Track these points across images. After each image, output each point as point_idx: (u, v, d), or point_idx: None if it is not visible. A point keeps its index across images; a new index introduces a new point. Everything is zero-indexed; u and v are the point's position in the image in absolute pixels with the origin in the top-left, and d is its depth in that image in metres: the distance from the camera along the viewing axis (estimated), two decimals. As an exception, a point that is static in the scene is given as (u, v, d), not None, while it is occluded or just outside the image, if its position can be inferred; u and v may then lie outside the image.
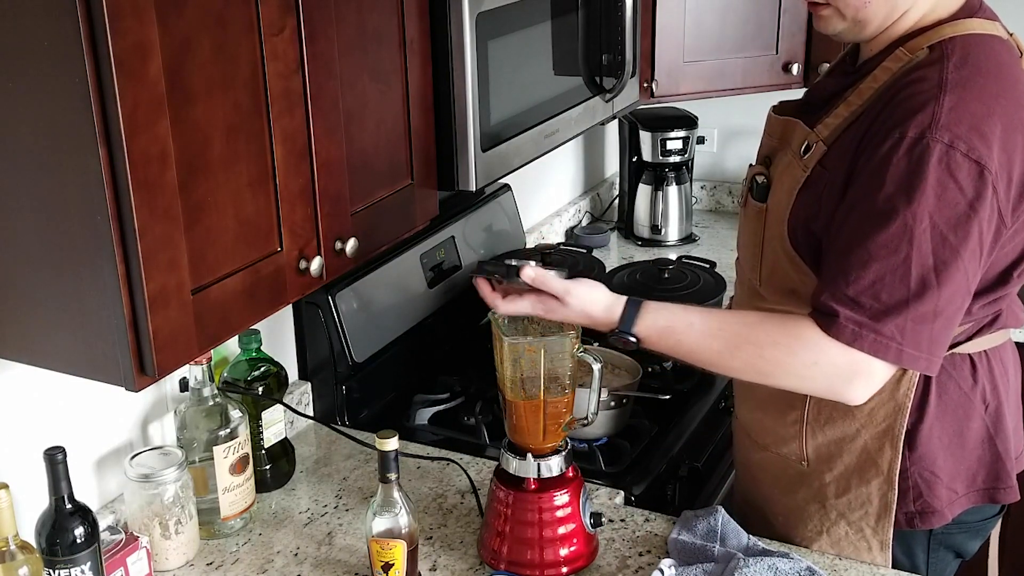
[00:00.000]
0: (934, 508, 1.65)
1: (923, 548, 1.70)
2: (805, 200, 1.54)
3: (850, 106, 1.52)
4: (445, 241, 2.42)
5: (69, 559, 1.46)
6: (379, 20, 1.60)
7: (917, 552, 1.71)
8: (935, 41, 1.48)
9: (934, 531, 1.68)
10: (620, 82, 2.18)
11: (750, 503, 1.84)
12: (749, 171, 1.70)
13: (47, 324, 1.33)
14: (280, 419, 1.93)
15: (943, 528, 1.68)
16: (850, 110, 1.52)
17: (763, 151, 1.71)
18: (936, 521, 1.66)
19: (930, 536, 1.69)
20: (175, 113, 1.26)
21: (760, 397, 1.73)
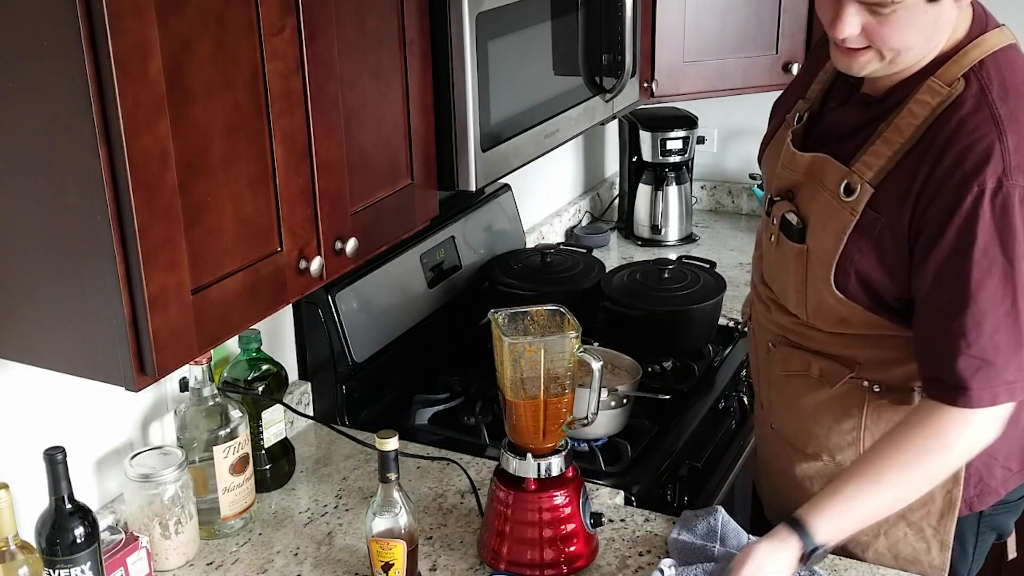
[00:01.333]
0: (991, 488, 1.66)
1: (972, 531, 1.71)
2: (859, 246, 1.53)
3: (891, 144, 1.50)
4: (445, 241, 2.42)
5: (69, 559, 1.46)
6: (379, 20, 1.60)
7: (967, 536, 1.71)
8: (966, 68, 1.48)
9: (983, 513, 1.69)
10: (620, 82, 2.18)
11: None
12: (774, 207, 1.64)
13: (47, 324, 1.33)
14: (280, 419, 1.93)
15: (991, 508, 1.69)
16: (892, 148, 1.50)
17: (781, 184, 1.66)
18: (990, 500, 1.67)
19: (980, 518, 1.70)
20: (175, 113, 1.26)
21: (809, 408, 1.71)
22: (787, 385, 1.74)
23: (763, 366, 1.81)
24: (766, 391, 1.83)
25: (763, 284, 1.75)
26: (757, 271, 1.81)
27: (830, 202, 1.55)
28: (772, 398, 1.80)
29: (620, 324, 2.42)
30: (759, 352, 1.82)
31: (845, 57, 1.51)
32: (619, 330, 2.42)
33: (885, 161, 1.50)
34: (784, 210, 1.62)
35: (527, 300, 2.33)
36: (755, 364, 1.87)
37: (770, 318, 1.74)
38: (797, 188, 1.62)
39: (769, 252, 1.70)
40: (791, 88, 1.84)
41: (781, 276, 1.67)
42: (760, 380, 1.85)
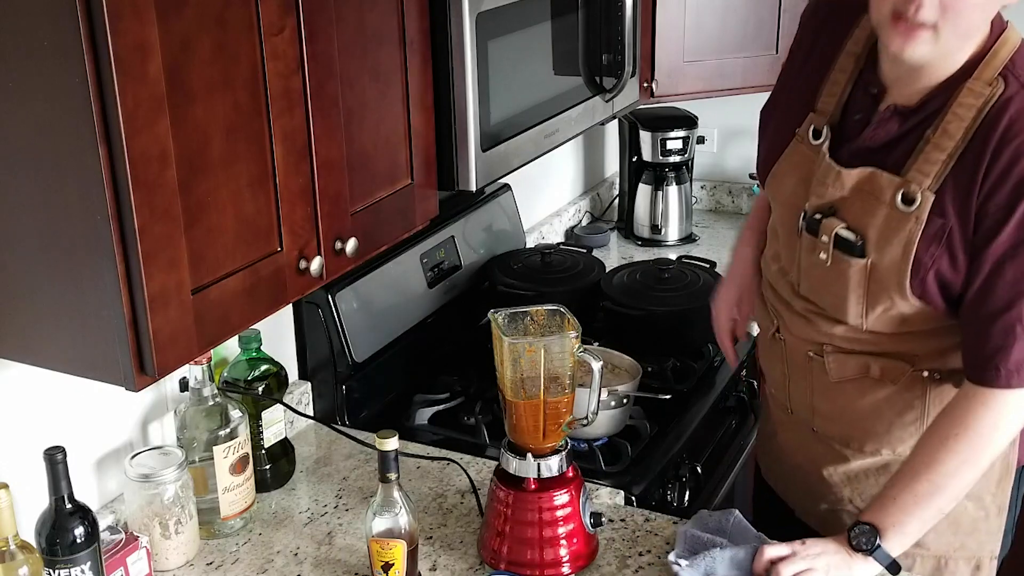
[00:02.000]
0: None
1: (1016, 485, 1.75)
2: (930, 251, 1.55)
3: (943, 149, 1.52)
4: (445, 241, 2.42)
5: (69, 559, 1.46)
6: (379, 20, 1.60)
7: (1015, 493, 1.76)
8: (999, 68, 1.52)
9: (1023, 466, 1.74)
10: (620, 82, 2.18)
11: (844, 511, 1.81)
12: (822, 225, 1.63)
13: (47, 324, 1.33)
14: (280, 419, 1.93)
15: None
16: (945, 153, 1.52)
17: (820, 202, 1.64)
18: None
19: (1020, 473, 1.74)
20: (175, 113, 1.26)
21: (867, 408, 1.71)
22: (839, 390, 1.72)
23: (799, 375, 1.78)
24: (804, 398, 1.79)
25: (800, 298, 1.73)
26: (779, 286, 1.78)
27: (891, 214, 1.56)
28: (816, 404, 1.77)
29: (620, 324, 2.42)
30: (792, 362, 1.79)
31: (902, 37, 1.49)
32: (619, 330, 2.42)
33: (940, 166, 1.53)
34: (835, 227, 1.62)
35: (527, 300, 2.33)
36: (783, 374, 1.82)
37: (813, 329, 1.71)
38: (842, 204, 1.62)
39: (815, 269, 1.67)
40: (781, 101, 1.83)
41: (836, 291, 1.65)
42: (793, 388, 1.81)
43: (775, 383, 1.87)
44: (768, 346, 1.86)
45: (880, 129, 1.60)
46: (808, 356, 1.74)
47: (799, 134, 1.70)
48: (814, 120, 1.68)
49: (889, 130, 1.59)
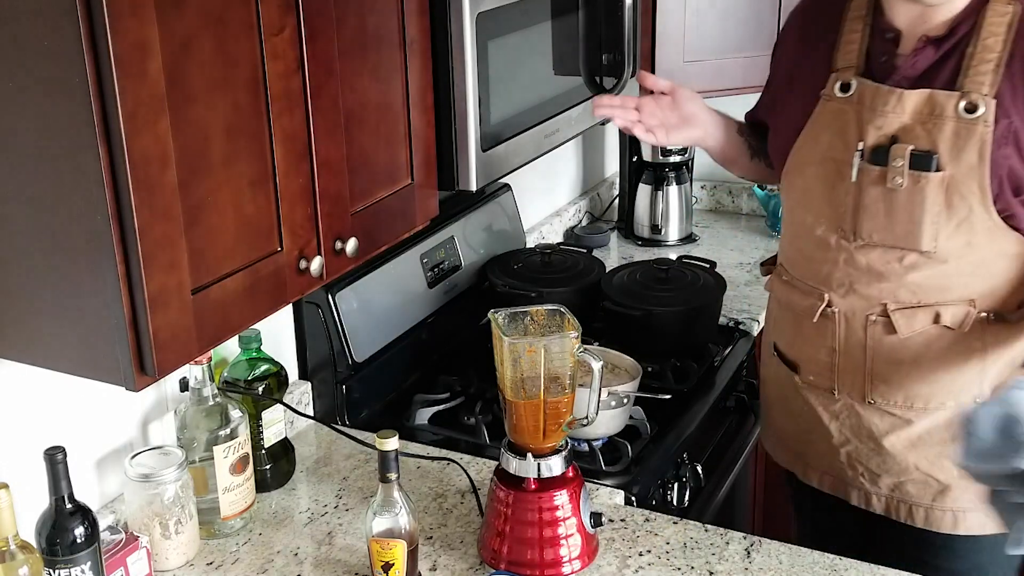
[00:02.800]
0: None
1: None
2: (1003, 152, 1.65)
3: (987, 60, 1.65)
4: (445, 241, 2.42)
5: (69, 559, 1.46)
6: (379, 20, 1.60)
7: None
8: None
9: None
10: (620, 82, 2.17)
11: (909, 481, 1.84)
12: (893, 151, 1.69)
13: (47, 324, 1.33)
14: (280, 419, 1.93)
15: None
16: (991, 62, 1.65)
17: (880, 133, 1.71)
18: None
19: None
20: (175, 113, 1.26)
21: (932, 361, 1.76)
22: (904, 349, 1.77)
23: (854, 346, 1.81)
24: (858, 372, 1.82)
25: (861, 250, 1.76)
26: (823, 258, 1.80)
27: (958, 125, 1.66)
28: (875, 371, 1.80)
29: (620, 324, 2.42)
30: (847, 334, 1.81)
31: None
32: (619, 330, 2.42)
33: (991, 75, 1.64)
34: (906, 148, 1.68)
35: (527, 300, 2.33)
36: (830, 353, 1.84)
37: (875, 288, 1.76)
38: (903, 132, 1.69)
39: (881, 202, 1.72)
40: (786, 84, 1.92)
41: (910, 215, 1.70)
42: (844, 365, 1.83)
43: (818, 368, 1.87)
44: (810, 332, 1.86)
45: (919, 57, 1.70)
46: (868, 320, 1.78)
47: (825, 95, 1.78)
48: (838, 77, 1.76)
49: (928, 56, 1.69)
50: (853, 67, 1.75)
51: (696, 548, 1.75)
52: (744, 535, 1.78)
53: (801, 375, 1.91)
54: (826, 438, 1.91)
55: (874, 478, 1.87)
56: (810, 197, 1.82)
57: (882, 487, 1.87)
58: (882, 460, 1.85)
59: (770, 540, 1.76)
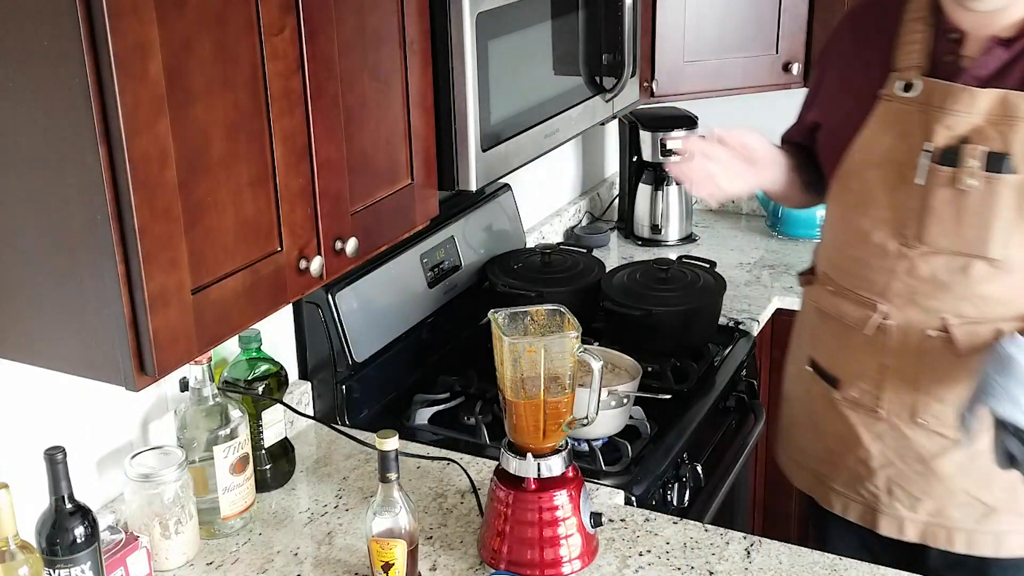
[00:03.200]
0: None
1: None
2: None
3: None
4: (445, 241, 2.42)
5: (69, 559, 1.46)
6: (379, 20, 1.60)
7: None
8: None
9: None
10: (620, 82, 2.18)
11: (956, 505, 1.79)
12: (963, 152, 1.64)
13: (47, 324, 1.33)
14: (280, 419, 1.93)
15: None
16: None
17: (951, 133, 1.66)
18: None
19: None
20: (175, 113, 1.26)
21: None
22: (961, 367, 1.70)
23: (908, 363, 1.75)
24: (907, 390, 1.76)
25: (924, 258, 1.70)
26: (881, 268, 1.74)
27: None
28: (929, 390, 1.74)
29: (620, 324, 2.42)
30: (901, 350, 1.75)
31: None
32: (619, 330, 2.42)
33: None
34: (977, 151, 1.64)
35: (527, 300, 2.33)
36: (878, 370, 1.78)
37: (937, 301, 1.70)
38: (975, 133, 1.65)
39: (950, 205, 1.66)
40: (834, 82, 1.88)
41: (981, 218, 1.65)
42: (892, 382, 1.77)
43: (863, 385, 1.81)
44: (859, 345, 1.80)
45: (989, 57, 1.66)
46: (925, 336, 1.72)
47: (885, 94, 1.73)
48: (899, 77, 1.71)
49: (998, 57, 1.65)
50: (916, 67, 1.70)
51: (696, 548, 1.75)
52: (744, 535, 1.78)
53: (842, 391, 1.85)
54: (864, 460, 1.84)
55: (913, 503, 1.81)
56: (868, 201, 1.75)
57: (920, 512, 1.81)
58: (927, 484, 1.79)
59: (770, 540, 1.76)
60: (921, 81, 1.69)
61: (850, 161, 1.78)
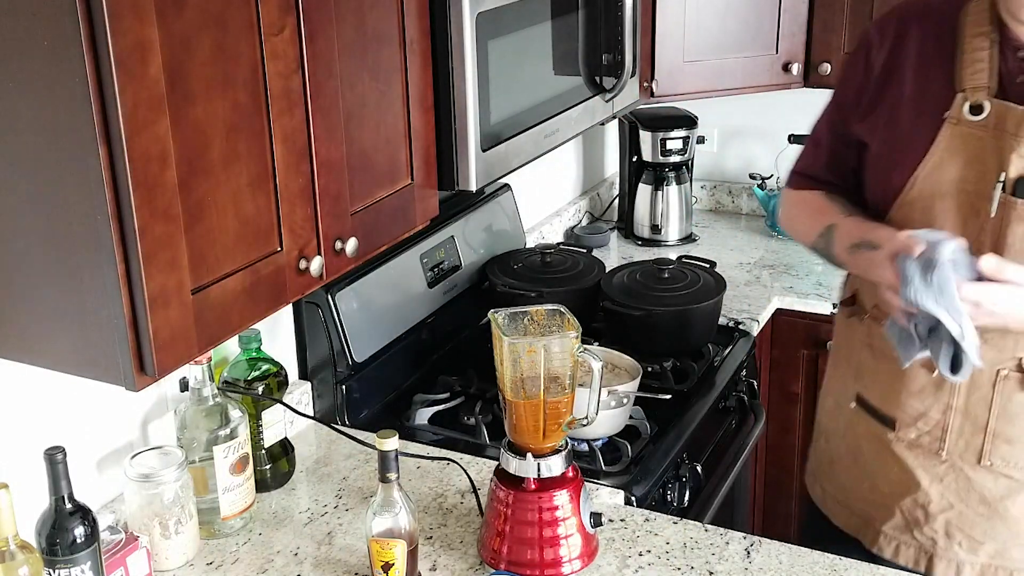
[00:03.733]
0: None
1: None
2: None
3: None
4: (445, 241, 2.42)
5: (69, 559, 1.46)
6: (379, 20, 1.60)
7: None
8: None
9: None
10: (620, 82, 2.18)
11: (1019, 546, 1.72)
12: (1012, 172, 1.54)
13: (47, 324, 1.33)
14: (280, 419, 1.93)
15: None
16: None
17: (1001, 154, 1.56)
18: None
19: None
20: (175, 113, 1.26)
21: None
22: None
23: (977, 403, 1.66)
24: (976, 431, 1.67)
25: None
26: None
27: None
28: (998, 431, 1.65)
29: (620, 324, 2.42)
30: (971, 390, 1.66)
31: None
32: (619, 330, 2.42)
33: None
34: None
35: (527, 300, 2.33)
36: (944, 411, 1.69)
37: (1012, 339, 1.61)
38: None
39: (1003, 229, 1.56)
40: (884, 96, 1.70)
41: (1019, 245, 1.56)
42: (959, 424, 1.68)
43: (925, 427, 1.71)
44: (922, 386, 1.70)
45: (1011, 73, 1.56)
46: (999, 376, 1.64)
47: (951, 117, 1.60)
48: (968, 98, 1.59)
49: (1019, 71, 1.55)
50: (984, 87, 1.57)
51: (696, 548, 1.75)
52: (744, 535, 1.78)
53: (900, 433, 1.74)
54: (922, 504, 1.75)
55: (974, 546, 1.73)
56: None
57: (981, 555, 1.73)
58: (990, 526, 1.71)
59: (770, 540, 1.76)
60: (991, 104, 1.56)
61: (915, 191, 1.63)
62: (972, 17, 1.61)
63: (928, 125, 1.62)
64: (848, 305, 1.83)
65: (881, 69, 1.70)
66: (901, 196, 1.64)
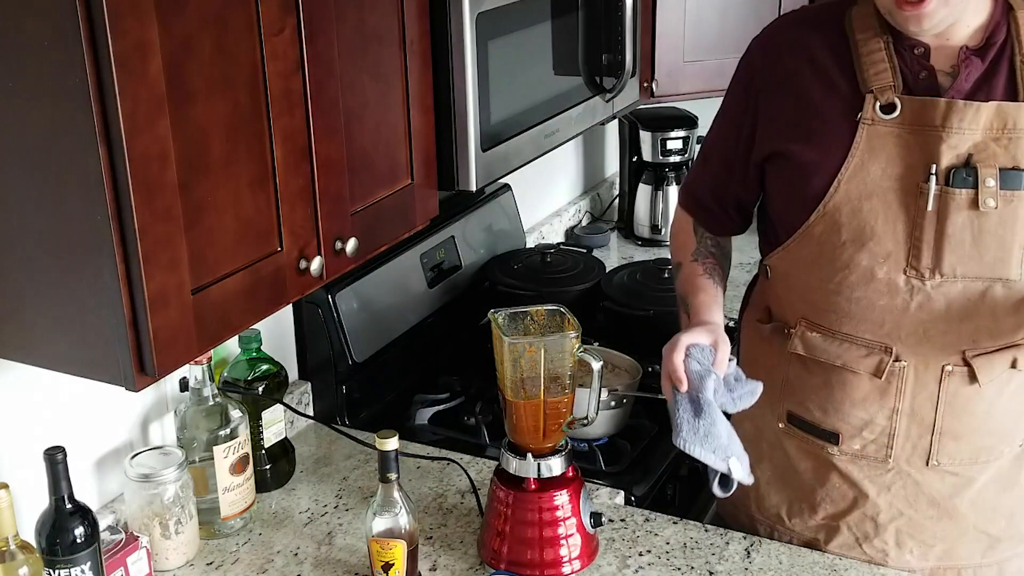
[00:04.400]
0: None
1: None
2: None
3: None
4: (445, 241, 2.42)
5: (69, 559, 1.46)
6: (379, 20, 1.60)
7: None
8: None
9: None
10: (620, 82, 2.18)
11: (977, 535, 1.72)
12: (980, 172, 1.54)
13: (47, 324, 1.33)
14: (280, 419, 1.93)
15: None
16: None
17: (956, 152, 1.55)
18: None
19: None
20: (175, 113, 1.26)
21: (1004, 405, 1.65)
22: (978, 399, 1.63)
23: (922, 403, 1.65)
24: (922, 431, 1.66)
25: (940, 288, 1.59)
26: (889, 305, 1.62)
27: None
28: (944, 428, 1.65)
29: (620, 324, 2.42)
30: (916, 390, 1.64)
31: (915, 17, 1.51)
32: (619, 330, 2.42)
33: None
34: (991, 169, 1.55)
35: (527, 300, 2.33)
36: (889, 416, 1.66)
37: (954, 333, 1.61)
38: (977, 149, 1.55)
39: (967, 228, 1.56)
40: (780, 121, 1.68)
41: (1000, 239, 1.56)
42: (904, 427, 1.66)
43: (871, 436, 1.68)
44: (864, 395, 1.67)
45: (970, 69, 1.56)
46: (944, 372, 1.63)
47: (866, 118, 1.59)
48: (877, 98, 1.58)
49: (977, 68, 1.56)
50: (890, 86, 1.57)
51: (696, 548, 1.75)
52: (744, 535, 1.78)
53: (843, 446, 1.70)
54: (871, 517, 1.72)
55: (925, 551, 1.72)
56: (866, 235, 1.60)
57: (930, 558, 1.72)
58: (939, 527, 1.70)
59: (770, 540, 1.76)
60: (902, 101, 1.57)
61: (839, 194, 1.60)
62: (858, 22, 1.61)
63: (841, 129, 1.61)
64: (765, 321, 1.78)
65: (774, 85, 1.69)
66: (823, 203, 1.61)
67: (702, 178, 1.87)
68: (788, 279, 1.74)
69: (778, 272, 1.76)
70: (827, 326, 1.67)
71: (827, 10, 1.68)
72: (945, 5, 1.49)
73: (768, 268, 1.79)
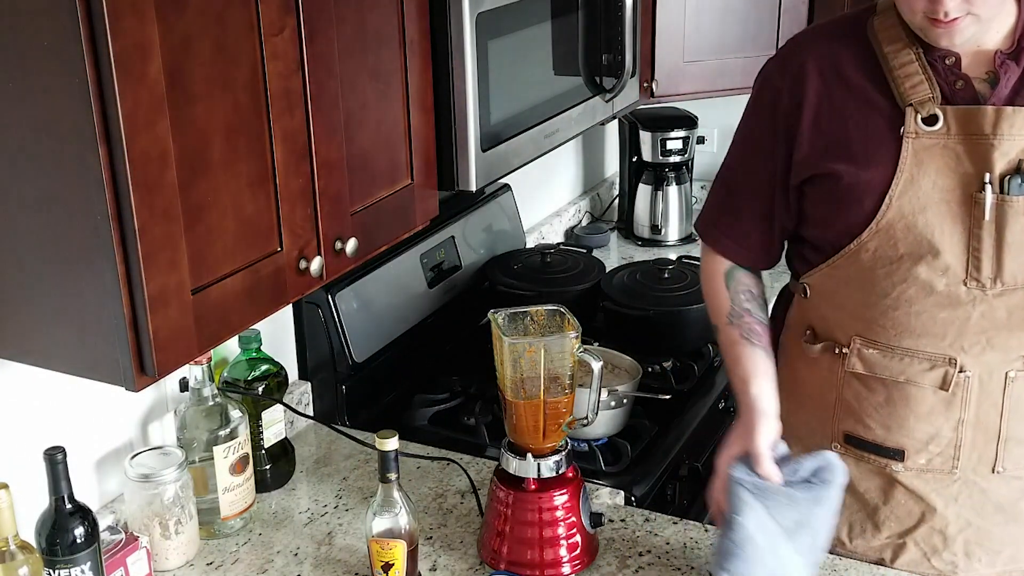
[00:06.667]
0: None
1: None
2: None
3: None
4: (445, 241, 2.42)
5: (69, 559, 1.46)
6: (379, 20, 1.60)
7: None
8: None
9: None
10: (620, 82, 2.18)
11: None
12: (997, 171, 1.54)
13: (47, 324, 1.33)
14: (280, 419, 1.93)
15: None
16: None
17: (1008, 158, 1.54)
18: None
19: None
20: (175, 113, 1.26)
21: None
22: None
23: (987, 410, 1.63)
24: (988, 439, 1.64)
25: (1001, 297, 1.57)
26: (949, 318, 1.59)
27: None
28: (1010, 434, 1.63)
29: (620, 324, 2.42)
30: (980, 399, 1.62)
31: (946, 34, 1.50)
32: (619, 330, 2.42)
33: None
34: None
35: (527, 300, 2.33)
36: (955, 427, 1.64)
37: (1017, 338, 1.59)
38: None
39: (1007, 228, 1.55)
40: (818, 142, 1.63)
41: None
42: (969, 436, 1.64)
43: (937, 449, 1.65)
44: (930, 408, 1.64)
45: (1009, 75, 1.54)
46: (1008, 378, 1.61)
47: (908, 133, 1.56)
48: (918, 111, 1.55)
49: (1014, 72, 1.55)
50: (930, 98, 1.55)
51: (696, 548, 1.75)
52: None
53: (908, 463, 1.66)
54: (940, 530, 1.69)
55: (992, 558, 1.69)
56: (923, 249, 1.57)
57: (997, 564, 1.69)
58: (1006, 533, 1.68)
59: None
60: (944, 112, 1.55)
61: (891, 210, 1.58)
62: (883, 34, 1.59)
63: (886, 145, 1.58)
64: (812, 342, 1.72)
65: (804, 105, 1.64)
66: (876, 221, 1.59)
67: (728, 210, 1.76)
68: (835, 297, 1.68)
69: (821, 291, 1.70)
70: (885, 342, 1.64)
71: (846, 23, 1.66)
72: (976, 21, 1.49)
73: (807, 287, 1.71)
